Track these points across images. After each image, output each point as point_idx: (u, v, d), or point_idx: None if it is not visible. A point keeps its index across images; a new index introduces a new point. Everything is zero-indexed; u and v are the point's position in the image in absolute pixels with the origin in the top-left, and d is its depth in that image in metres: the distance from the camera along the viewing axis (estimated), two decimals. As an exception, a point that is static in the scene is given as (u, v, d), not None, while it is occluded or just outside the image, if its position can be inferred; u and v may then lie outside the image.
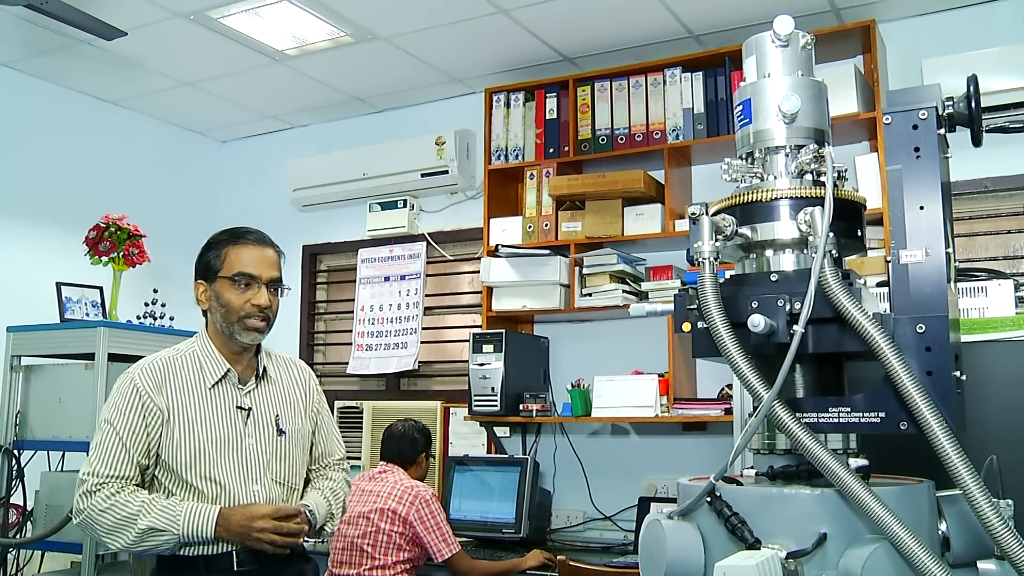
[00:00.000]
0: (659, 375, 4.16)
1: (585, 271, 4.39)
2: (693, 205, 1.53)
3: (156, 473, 2.56)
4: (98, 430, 2.56)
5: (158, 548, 2.49)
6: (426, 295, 5.25)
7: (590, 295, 4.36)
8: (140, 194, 5.31)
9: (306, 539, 2.71)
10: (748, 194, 1.55)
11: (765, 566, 1.28)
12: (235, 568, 2.55)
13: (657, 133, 4.39)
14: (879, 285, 2.28)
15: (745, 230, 1.53)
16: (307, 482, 2.82)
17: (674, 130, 4.35)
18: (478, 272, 4.73)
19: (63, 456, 4.29)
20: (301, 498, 2.74)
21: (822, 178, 1.53)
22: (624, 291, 4.28)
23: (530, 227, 4.60)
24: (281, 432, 2.68)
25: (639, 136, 4.42)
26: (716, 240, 1.50)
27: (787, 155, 1.57)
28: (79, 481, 2.51)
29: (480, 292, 4.76)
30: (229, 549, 2.54)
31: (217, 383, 2.62)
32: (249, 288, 2.61)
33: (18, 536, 4.16)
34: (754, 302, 1.46)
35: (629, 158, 4.47)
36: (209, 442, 2.56)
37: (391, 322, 5.26)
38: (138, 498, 2.48)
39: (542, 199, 4.59)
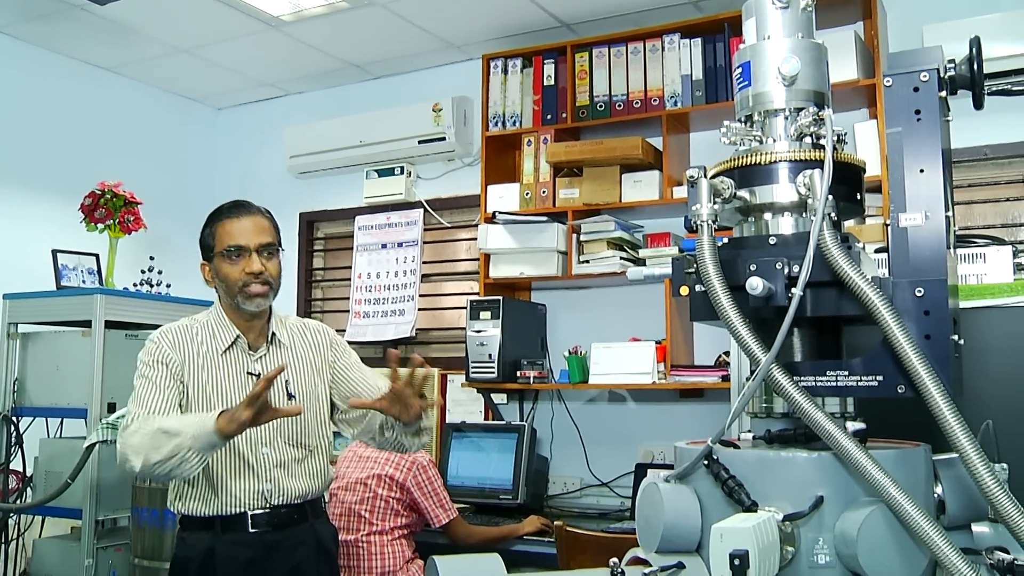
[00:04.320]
0: (656, 342, 4.16)
1: (583, 238, 4.38)
2: (691, 168, 1.52)
3: None
4: (133, 390, 2.62)
5: (173, 460, 2.40)
6: (423, 262, 5.24)
7: (587, 262, 4.36)
8: (136, 161, 5.28)
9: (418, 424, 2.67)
10: (747, 157, 1.54)
11: (762, 528, 1.29)
12: (249, 529, 2.61)
13: (655, 100, 4.36)
14: (877, 252, 2.27)
15: (744, 193, 1.53)
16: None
17: (672, 97, 4.32)
18: (475, 239, 4.72)
19: (61, 423, 4.31)
20: (323, 456, 2.79)
21: (821, 141, 1.52)
22: (622, 258, 4.27)
23: (527, 194, 4.59)
24: (291, 396, 2.71)
25: (637, 103, 4.40)
26: (714, 203, 1.49)
27: (786, 118, 1.56)
28: (119, 429, 2.56)
29: (477, 259, 4.76)
30: (243, 510, 2.60)
31: (227, 349, 2.69)
32: (241, 258, 2.66)
33: (18, 501, 4.18)
34: (752, 265, 1.45)
35: (627, 125, 4.45)
36: (219, 406, 2.60)
37: (388, 289, 5.26)
38: (159, 416, 2.51)
39: (539, 166, 4.57)
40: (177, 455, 2.40)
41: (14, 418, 4.24)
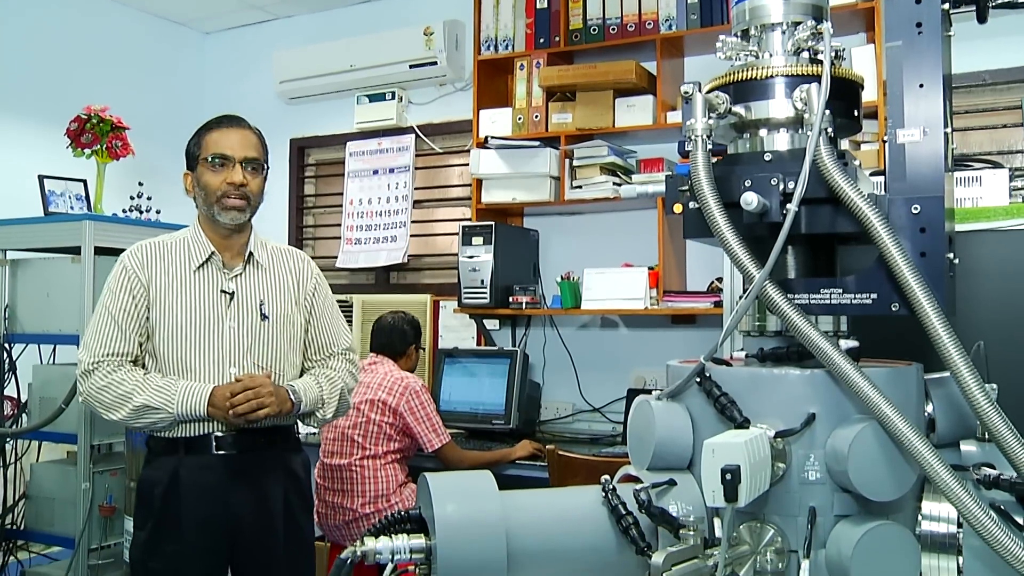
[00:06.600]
0: (649, 268, 4.16)
1: (575, 163, 4.35)
2: (686, 84, 1.48)
3: (145, 348, 2.64)
4: (94, 315, 2.64)
5: (156, 425, 2.56)
6: (415, 188, 5.21)
7: (580, 187, 4.33)
8: (123, 87, 5.20)
9: (300, 423, 2.75)
10: (742, 72, 1.51)
11: (753, 444, 1.29)
12: (214, 451, 2.60)
13: (649, 23, 4.29)
14: (873, 175, 2.25)
15: (739, 109, 1.49)
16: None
17: (667, 20, 4.26)
18: (468, 164, 4.68)
19: (54, 349, 4.30)
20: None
21: (819, 56, 1.48)
22: (614, 183, 4.25)
23: (520, 119, 4.54)
24: (264, 317, 2.68)
25: (631, 26, 4.33)
26: (709, 118, 1.46)
27: (783, 32, 1.52)
28: (78, 364, 2.59)
29: (470, 185, 4.72)
30: (208, 431, 2.60)
31: (202, 266, 2.66)
32: (224, 168, 2.64)
33: (14, 427, 4.20)
34: (747, 181, 1.43)
35: (621, 49, 4.39)
36: (188, 322, 2.60)
37: (380, 215, 5.23)
38: (133, 376, 2.55)
39: (532, 90, 4.51)
40: (161, 423, 2.56)
41: (6, 344, 4.24)
